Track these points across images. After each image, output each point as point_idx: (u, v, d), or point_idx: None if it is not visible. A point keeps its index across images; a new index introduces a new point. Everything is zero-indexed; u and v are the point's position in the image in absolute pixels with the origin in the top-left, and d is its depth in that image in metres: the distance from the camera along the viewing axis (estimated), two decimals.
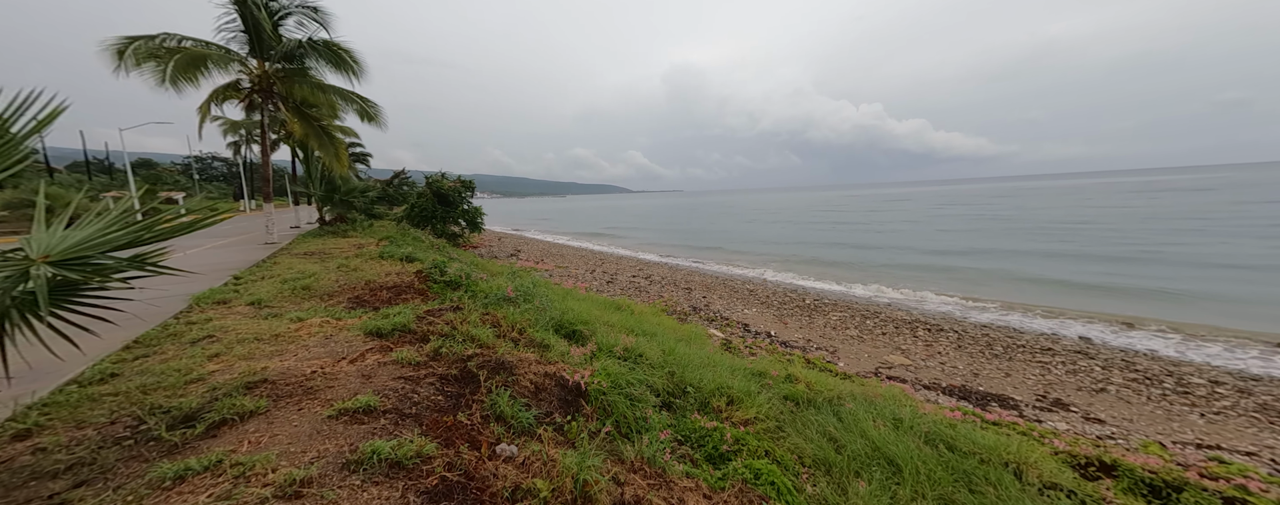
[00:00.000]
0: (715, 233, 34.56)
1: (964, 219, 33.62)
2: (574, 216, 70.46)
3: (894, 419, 3.54)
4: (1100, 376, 6.45)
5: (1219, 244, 17.65)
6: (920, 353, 7.63)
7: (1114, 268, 14.71)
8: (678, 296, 11.88)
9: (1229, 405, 5.42)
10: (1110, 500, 2.85)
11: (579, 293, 7.82)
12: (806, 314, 10.23)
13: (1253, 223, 22.88)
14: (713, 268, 18.27)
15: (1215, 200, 37.29)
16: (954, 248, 20.94)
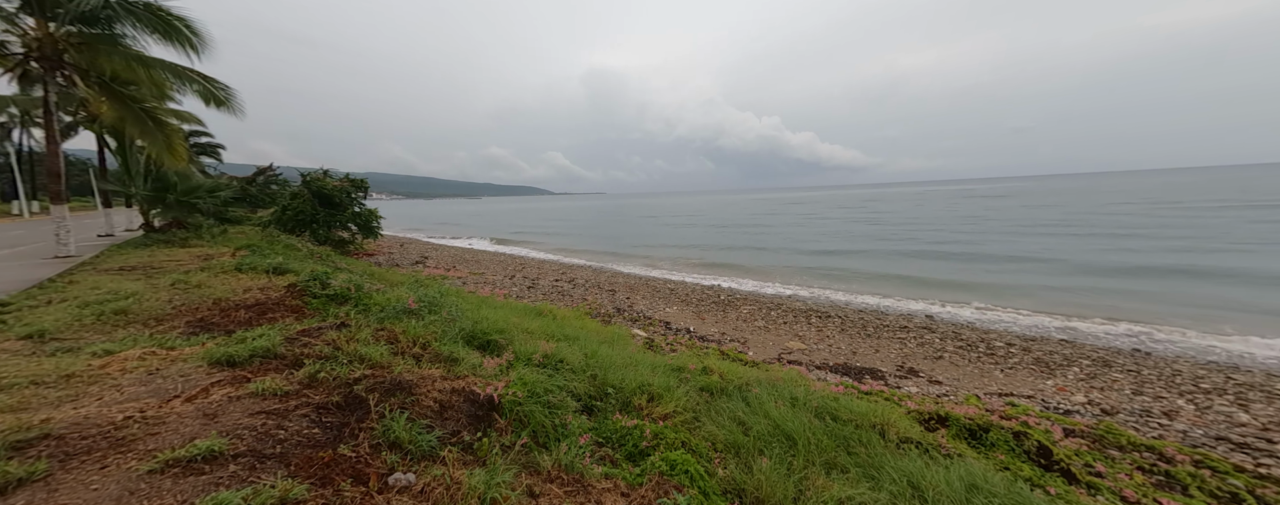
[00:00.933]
0: (638, 235, 35.34)
1: (843, 221, 39.12)
2: (491, 219, 66.40)
3: (791, 398, 4.00)
4: (939, 347, 8.01)
5: (1010, 240, 23.06)
6: (813, 337, 8.70)
7: (945, 257, 18.40)
8: (602, 299, 11.90)
9: (1017, 361, 7.15)
10: (944, 445, 3.57)
11: (496, 300, 7.41)
12: (721, 309, 10.99)
13: (1034, 223, 30.22)
14: (636, 270, 18.66)
15: (1009, 204, 48.70)
16: (838, 246, 24.23)
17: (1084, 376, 6.42)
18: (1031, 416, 4.78)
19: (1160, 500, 3.21)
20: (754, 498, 2.34)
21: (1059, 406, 5.44)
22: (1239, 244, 17.43)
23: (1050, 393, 5.93)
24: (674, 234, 34.61)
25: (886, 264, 17.98)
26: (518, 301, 8.17)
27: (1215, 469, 3.76)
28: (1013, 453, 3.69)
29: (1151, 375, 6.40)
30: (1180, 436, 4.61)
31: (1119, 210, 34.32)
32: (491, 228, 47.90)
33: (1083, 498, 3.09)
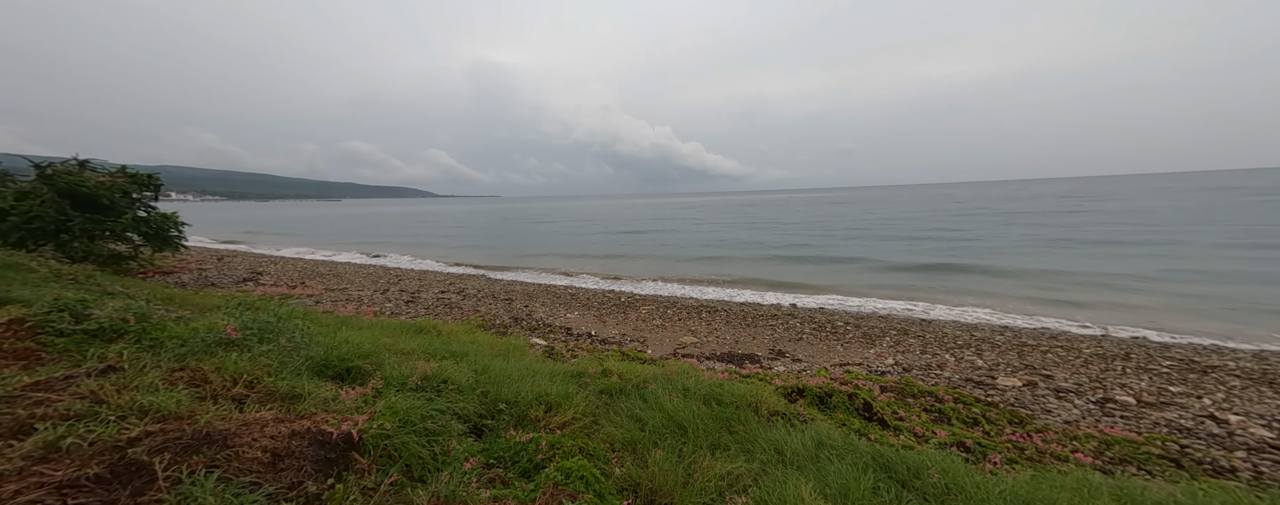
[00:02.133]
0: (537, 241, 34.08)
1: (727, 225, 43.63)
2: (356, 225, 56.79)
3: (684, 389, 4.33)
4: (799, 330, 9.51)
5: (847, 240, 28.49)
6: (704, 331, 9.52)
7: (804, 257, 21.96)
8: (497, 309, 11.17)
9: (851, 336, 8.90)
10: (801, 413, 4.26)
11: (363, 320, 6.38)
12: (622, 311, 11.27)
13: (863, 225, 37.74)
14: (535, 277, 17.97)
15: (848, 210, 60.21)
16: (724, 248, 26.91)
17: (892, 344, 8.31)
18: (860, 379, 6.01)
19: (935, 431, 4.35)
20: (648, 489, 2.48)
21: (877, 369, 6.95)
22: (989, 242, 24.49)
23: (872, 359, 7.54)
24: (574, 238, 34.33)
25: (761, 262, 20.65)
26: (393, 319, 7.15)
27: (966, 402, 5.24)
28: (848, 411, 4.60)
29: (931, 338, 8.61)
30: (946, 381, 6.29)
31: (916, 215, 45.16)
32: (359, 235, 41.05)
33: (890, 437, 4.00)
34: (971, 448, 3.96)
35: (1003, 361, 7.22)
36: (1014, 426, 4.63)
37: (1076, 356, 7.36)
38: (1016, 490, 2.70)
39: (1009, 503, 2.44)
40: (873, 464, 2.99)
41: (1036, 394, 5.77)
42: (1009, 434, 4.42)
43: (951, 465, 2.98)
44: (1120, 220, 30.61)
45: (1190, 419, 5.01)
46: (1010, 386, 6.02)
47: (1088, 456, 3.90)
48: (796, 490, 2.38)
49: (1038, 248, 20.97)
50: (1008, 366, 6.96)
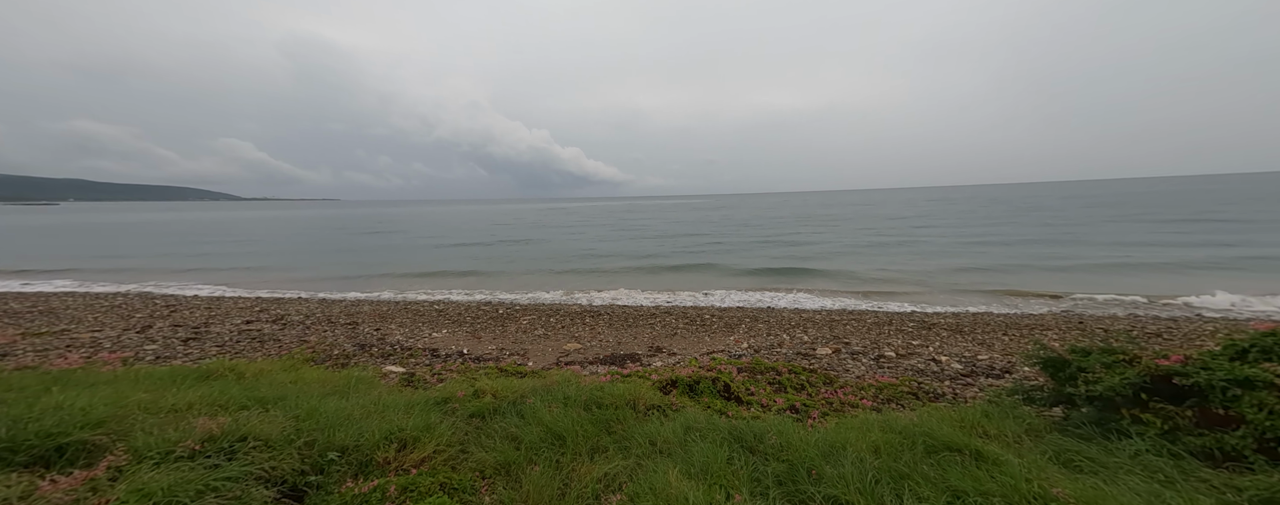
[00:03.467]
0: (388, 252, 29.33)
1: (609, 228, 44.82)
2: (87, 239, 40.22)
3: (564, 398, 4.27)
4: (675, 326, 10.35)
5: (714, 244, 32.18)
6: (587, 336, 9.55)
7: (682, 260, 24.01)
8: (335, 336, 9.24)
9: (717, 327, 10.09)
10: (674, 403, 4.64)
11: (99, 372, 4.52)
12: (500, 324, 10.52)
13: (726, 230, 43.01)
14: (392, 295, 15.44)
15: (714, 215, 67.98)
16: (607, 250, 27.51)
17: (747, 330, 9.72)
18: (723, 364, 6.86)
19: (776, 399, 5.24)
20: None
21: (736, 353, 8.03)
22: (818, 243, 30.45)
23: (732, 344, 8.68)
24: (437, 248, 30.68)
25: (643, 264, 21.82)
26: (159, 367, 5.19)
27: (796, 372, 6.45)
28: (712, 394, 5.20)
29: (774, 323, 10.36)
30: (784, 356, 7.65)
31: (770, 220, 53.63)
32: (97, 253, 29.18)
33: (743, 411, 4.67)
34: (799, 409, 4.89)
35: (820, 335, 9.13)
36: (827, 386, 5.89)
37: (864, 326, 9.78)
38: (825, 437, 3.44)
39: (819, 448, 3.09)
40: (729, 437, 3.44)
41: (840, 358, 7.47)
42: (824, 393, 5.61)
43: (785, 427, 3.62)
44: (905, 224, 41.81)
45: (923, 362, 7.15)
46: (825, 354, 7.66)
47: (868, 401, 5.21)
48: (665, 476, 2.58)
49: (854, 247, 27.22)
50: (823, 339, 8.84)
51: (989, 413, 3.80)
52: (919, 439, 3.08)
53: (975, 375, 6.45)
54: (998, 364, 6.92)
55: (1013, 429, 3.39)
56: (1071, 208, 50.93)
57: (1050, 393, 3.90)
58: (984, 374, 6.51)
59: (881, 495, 2.38)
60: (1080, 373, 3.61)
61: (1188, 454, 2.71)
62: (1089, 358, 3.68)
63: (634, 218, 65.89)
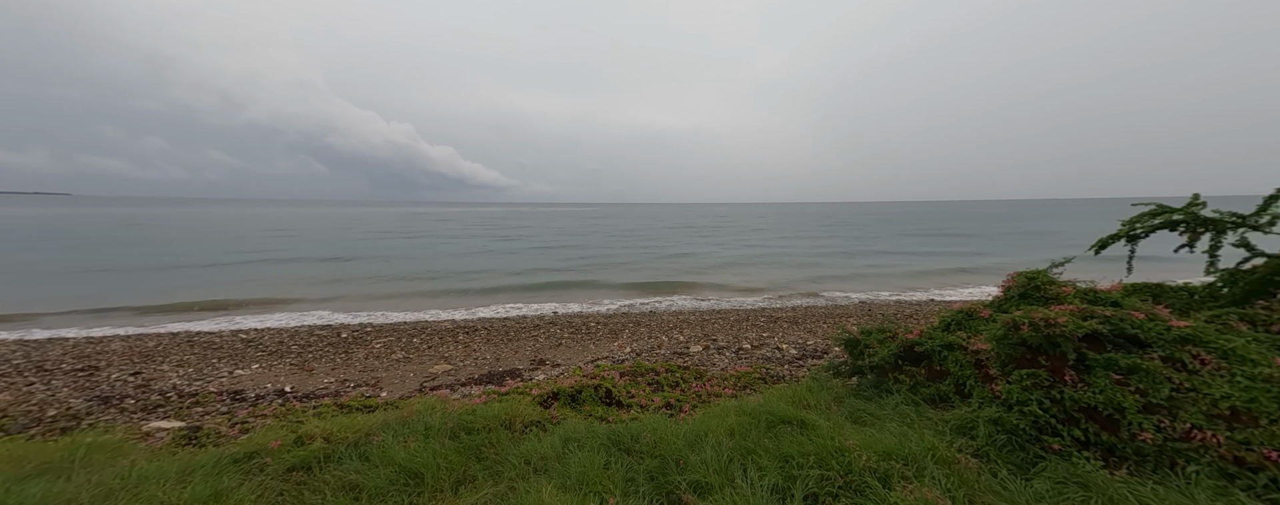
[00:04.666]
0: (173, 269, 21.85)
1: (487, 237, 41.54)
2: None
3: (425, 429, 3.75)
4: (560, 336, 10.10)
5: (608, 250, 32.59)
6: (461, 355, 8.61)
7: (568, 268, 23.61)
8: (52, 390, 6.38)
9: (600, 334, 10.21)
10: (555, 416, 4.51)
11: None
12: (343, 351, 8.71)
13: (617, 237, 43.88)
14: (173, 325, 11.42)
15: (603, 224, 68.83)
16: (487, 262, 25.35)
17: (630, 335, 10.10)
18: (606, 371, 6.97)
19: (654, 399, 5.55)
20: None
21: (619, 358, 8.25)
22: (696, 252, 33.16)
23: (615, 350, 8.90)
24: (253, 263, 24.08)
25: (529, 272, 20.75)
26: None
27: (672, 370, 6.95)
28: (594, 402, 5.22)
29: (655, 326, 11.00)
30: (662, 356, 8.17)
31: (654, 229, 56.60)
32: None
33: (623, 415, 4.81)
34: (673, 405, 5.27)
35: (693, 334, 10.05)
36: (697, 380, 6.50)
37: (728, 324, 11.14)
38: (693, 428, 3.77)
39: (687, 439, 3.38)
40: (607, 443, 3.49)
41: (709, 354, 8.35)
42: (695, 387, 6.18)
43: (660, 424, 3.85)
44: (765, 236, 48.56)
45: (771, 351, 8.49)
46: (697, 351, 8.45)
47: (730, 389, 5.94)
48: (537, 495, 2.48)
49: (723, 253, 30.60)
50: (696, 337, 9.76)
51: (811, 388, 4.71)
52: (763, 417, 3.62)
53: (805, 358, 7.94)
54: (820, 347, 8.66)
55: (825, 399, 4.26)
56: (871, 222, 67.26)
57: (849, 366, 5.04)
58: (812, 356, 8.06)
59: (732, 472, 2.72)
60: (865, 349, 4.77)
61: (923, 401, 3.82)
62: (870, 336, 4.89)
63: (518, 225, 62.56)
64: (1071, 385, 2.86)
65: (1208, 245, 3.56)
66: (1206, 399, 2.48)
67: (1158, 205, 3.83)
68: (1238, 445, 2.29)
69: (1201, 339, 2.77)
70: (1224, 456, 2.29)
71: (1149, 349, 2.83)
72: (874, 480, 2.39)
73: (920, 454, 2.60)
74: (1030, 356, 3.17)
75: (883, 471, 2.47)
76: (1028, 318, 3.19)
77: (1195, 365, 2.67)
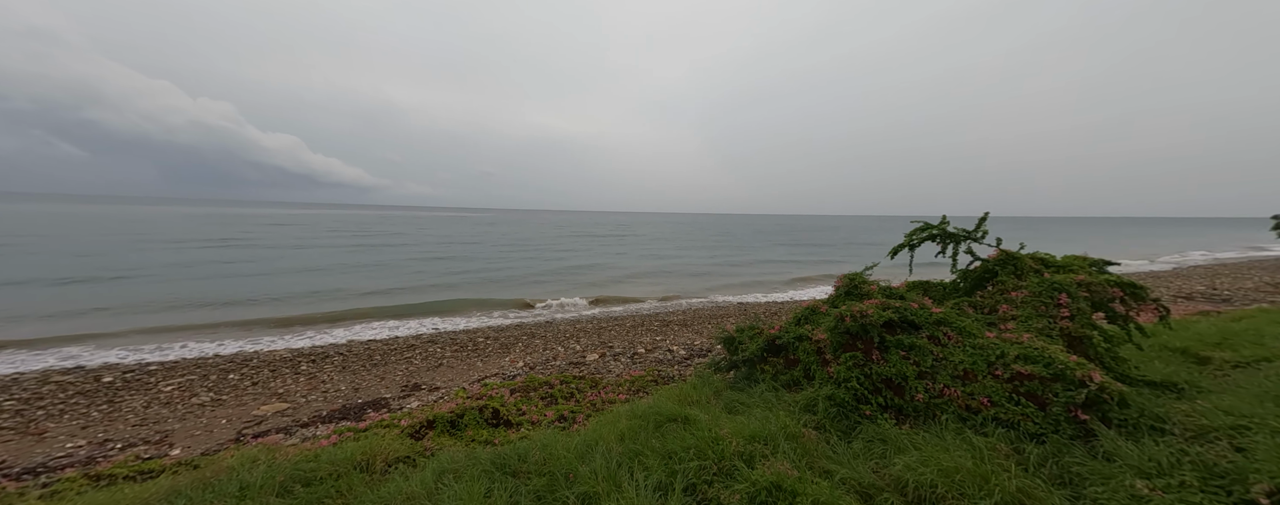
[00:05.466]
0: None
1: (346, 249, 35.13)
2: None
3: (241, 489, 2.93)
4: (440, 355, 9.01)
5: (495, 262, 30.29)
6: (303, 389, 7.00)
7: (453, 274, 21.28)
8: None
9: (491, 349, 9.44)
10: (429, 447, 3.97)
11: None
12: (105, 401, 6.31)
13: (512, 246, 41.15)
14: None
15: (494, 231, 63.98)
16: (343, 279, 21.30)
17: (524, 348, 9.57)
18: (495, 389, 6.45)
19: (547, 413, 5.33)
20: None
21: (511, 373, 7.73)
22: (600, 263, 32.92)
23: (507, 365, 8.32)
24: None
25: (408, 292, 18.05)
26: None
27: (567, 381, 6.78)
28: (479, 425, 4.77)
29: (551, 336, 10.62)
30: (557, 368, 7.93)
31: (556, 234, 54.62)
32: None
33: (512, 434, 4.50)
34: (567, 417, 5.14)
35: (590, 343, 10.02)
36: (593, 389, 6.47)
37: (624, 329, 11.41)
38: (585, 438, 3.72)
39: (578, 450, 3.32)
40: (491, 468, 3.21)
41: (605, 361, 8.41)
42: (590, 396, 6.13)
43: (551, 439, 3.70)
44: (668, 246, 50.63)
45: (663, 353, 8.96)
46: (593, 360, 8.43)
47: (624, 394, 6.06)
48: None
49: (620, 260, 31.06)
50: (592, 345, 9.74)
51: (696, 385, 5.10)
52: (652, 418, 3.78)
53: (693, 357, 8.59)
54: (705, 346, 9.48)
55: (707, 394, 4.66)
56: (749, 232, 76.55)
57: (727, 362, 5.62)
58: (698, 355, 8.76)
59: (620, 478, 2.76)
60: (739, 345, 5.38)
61: (781, 387, 4.46)
62: (743, 334, 5.54)
63: (389, 232, 54.24)
64: (877, 363, 3.67)
65: (951, 252, 5.00)
66: (951, 365, 3.45)
67: (924, 223, 5.23)
68: (967, 396, 3.23)
69: (949, 321, 3.85)
70: (961, 405, 3.21)
71: (920, 330, 3.81)
72: (741, 462, 2.69)
73: (776, 433, 3.03)
74: (852, 342, 3.98)
75: (748, 453, 2.80)
76: (850, 311, 4.00)
77: (946, 340, 3.69)
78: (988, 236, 5.01)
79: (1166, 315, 3.98)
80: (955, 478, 2.36)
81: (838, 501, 2.22)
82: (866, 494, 2.45)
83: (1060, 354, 3.12)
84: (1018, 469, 2.41)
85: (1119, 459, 2.40)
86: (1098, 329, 3.80)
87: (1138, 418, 2.74)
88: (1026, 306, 4.01)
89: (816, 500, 2.21)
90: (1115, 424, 2.74)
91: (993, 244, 4.86)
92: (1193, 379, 3.66)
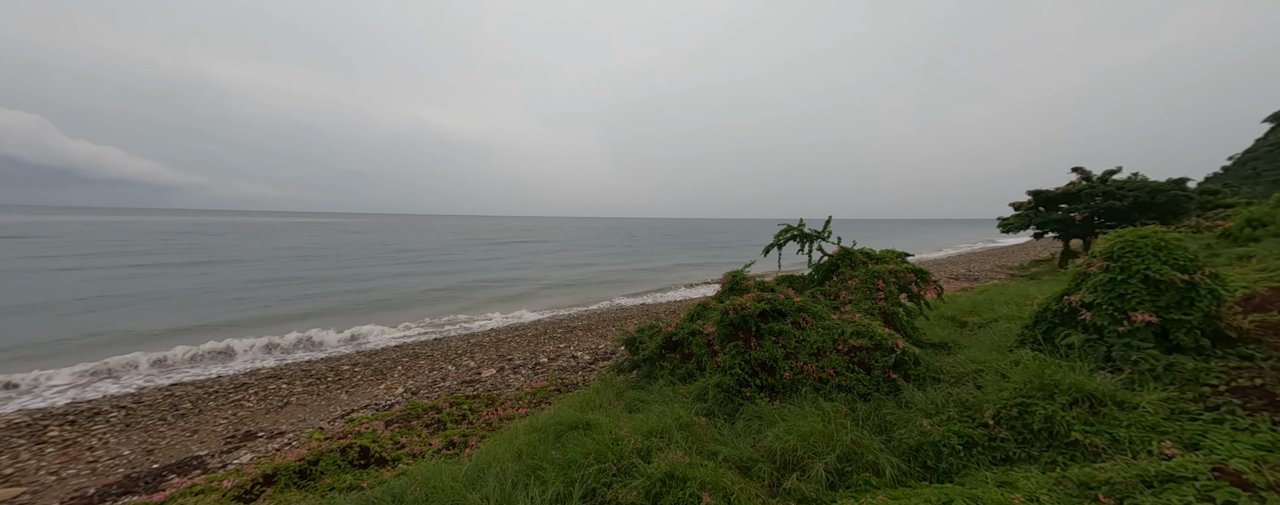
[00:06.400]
0: None
1: (129, 265, 26.47)
2: None
3: None
4: (287, 392, 7.34)
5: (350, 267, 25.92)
6: (50, 465, 4.99)
7: (294, 295, 17.53)
8: None
9: (360, 377, 8.06)
10: None
11: None
12: None
13: (370, 254, 35.54)
14: None
15: (357, 238, 54.69)
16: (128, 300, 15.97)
17: (403, 372, 8.39)
18: (365, 423, 5.51)
19: (432, 441, 4.75)
20: None
21: (386, 403, 6.70)
22: (511, 276, 30.29)
23: (382, 394, 7.19)
24: None
25: (215, 326, 14.16)
26: None
27: (459, 403, 6.17)
28: (340, 469, 4.01)
29: (439, 355, 9.54)
30: (448, 389, 7.16)
31: (450, 243, 48.76)
32: None
33: (386, 473, 3.90)
34: (458, 442, 4.66)
35: (487, 358, 9.28)
36: (489, 407, 6.00)
37: (526, 339, 10.86)
38: (478, 462, 3.42)
39: (468, 477, 3.04)
40: None
41: (504, 375, 7.88)
42: (485, 415, 5.67)
43: (434, 471, 3.30)
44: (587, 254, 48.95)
45: (567, 360, 8.78)
46: (489, 375, 7.83)
47: (525, 408, 5.76)
48: None
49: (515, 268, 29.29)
50: (490, 360, 9.03)
51: (599, 388, 5.12)
52: (552, 429, 3.66)
53: (598, 361, 8.61)
54: (609, 349, 9.59)
55: (609, 396, 4.71)
56: (651, 236, 79.79)
57: (630, 362, 5.77)
58: (603, 358, 8.80)
59: (516, 497, 2.61)
60: (640, 345, 5.57)
61: (678, 380, 4.76)
62: (643, 333, 5.76)
63: (194, 245, 42.31)
64: (754, 349, 4.18)
65: (808, 249, 6.00)
66: (809, 345, 4.12)
67: (787, 226, 6.17)
68: (820, 370, 3.89)
69: (807, 308, 4.60)
70: (816, 378, 3.85)
71: (786, 317, 4.46)
72: (639, 459, 2.78)
73: (670, 425, 3.21)
74: (735, 332, 4.46)
75: (646, 449, 2.91)
76: (732, 305, 4.48)
77: (805, 324, 4.40)
78: (833, 236, 6.13)
79: (941, 293, 5.39)
80: (810, 440, 2.81)
81: (721, 479, 2.45)
82: (745, 467, 2.77)
83: (878, 328, 3.98)
84: (852, 425, 2.99)
85: (913, 405, 3.16)
86: (902, 306, 4.94)
87: (925, 372, 3.65)
88: (858, 292, 5.01)
89: (703, 481, 2.41)
90: (912, 379, 3.61)
91: (836, 243, 5.97)
92: (956, 339, 5.02)
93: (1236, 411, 2.42)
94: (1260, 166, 31.24)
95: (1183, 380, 2.82)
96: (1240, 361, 2.90)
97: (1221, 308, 3.22)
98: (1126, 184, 13.64)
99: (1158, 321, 3.14)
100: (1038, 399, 2.73)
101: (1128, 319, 3.23)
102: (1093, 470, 2.12)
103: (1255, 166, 31.81)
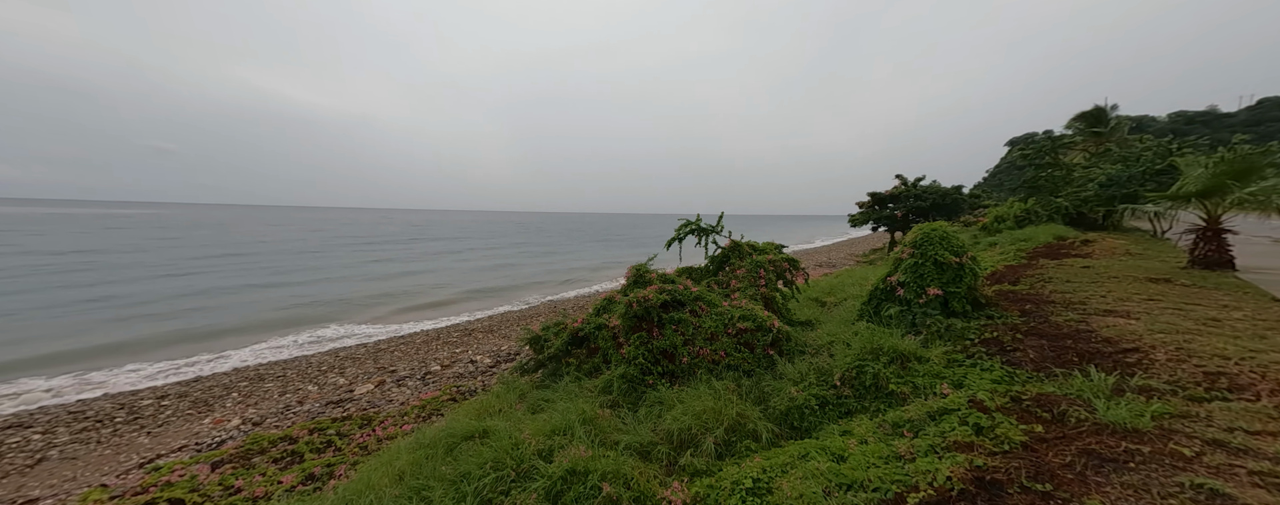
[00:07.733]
0: None
1: None
2: None
3: None
4: (42, 443, 5.34)
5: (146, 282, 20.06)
6: None
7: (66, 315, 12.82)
8: None
9: (171, 412, 6.26)
10: None
11: None
12: None
13: (178, 259, 27.85)
14: None
15: (159, 238, 42.05)
16: None
17: (240, 399, 6.78)
18: (178, 469, 4.31)
19: (281, 480, 3.95)
20: None
21: (215, 440, 5.34)
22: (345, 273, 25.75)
23: (207, 430, 5.70)
24: None
25: None
26: None
27: (322, 428, 5.23)
28: None
29: (294, 375, 7.93)
30: (307, 413, 6.02)
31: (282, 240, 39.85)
32: None
33: None
34: (319, 475, 3.97)
35: (362, 371, 8.03)
36: (364, 428, 5.22)
37: (413, 348, 9.68)
38: (346, 492, 2.96)
39: None
40: None
41: (385, 390, 6.93)
42: (359, 437, 4.92)
43: None
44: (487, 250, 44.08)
45: (464, 366, 8.10)
46: (365, 392, 6.80)
47: (411, 423, 5.16)
48: None
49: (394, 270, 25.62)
50: (365, 374, 7.84)
51: (499, 393, 4.85)
52: (442, 443, 3.36)
53: (500, 364, 8.13)
54: (513, 350, 9.13)
55: (511, 400, 4.51)
56: (559, 230, 77.52)
57: (535, 362, 5.58)
58: (506, 361, 8.34)
59: None
60: (545, 343, 5.43)
61: (585, 376, 4.78)
62: (548, 331, 5.62)
63: None
64: (656, 338, 4.41)
65: (704, 242, 6.54)
66: (704, 330, 4.51)
67: (686, 221, 6.63)
68: (713, 353, 4.30)
69: (703, 296, 5.01)
70: (710, 360, 4.24)
71: (685, 306, 4.81)
72: (540, 460, 2.73)
73: (574, 422, 3.22)
74: (639, 324, 4.64)
75: (547, 448, 2.87)
76: (636, 297, 4.65)
77: (701, 312, 4.79)
78: (725, 231, 6.78)
79: (808, 278, 6.41)
80: (703, 417, 3.10)
81: (621, 466, 2.56)
82: (645, 451, 2.92)
83: (760, 311, 4.55)
84: (738, 399, 3.39)
85: (785, 376, 3.71)
86: (779, 291, 5.73)
87: (794, 347, 4.31)
88: (745, 280, 5.65)
89: (605, 471, 2.48)
90: (785, 353, 4.22)
91: (728, 236, 6.61)
92: (818, 316, 6.01)
93: (983, 357, 3.39)
94: (1003, 178, 44.23)
95: (955, 337, 3.84)
96: (987, 320, 4.08)
97: (978, 281, 4.47)
98: (929, 189, 17.96)
99: (942, 294, 4.22)
100: (869, 361, 3.44)
101: (924, 293, 4.26)
102: (900, 412, 2.76)
103: (1000, 178, 44.93)
